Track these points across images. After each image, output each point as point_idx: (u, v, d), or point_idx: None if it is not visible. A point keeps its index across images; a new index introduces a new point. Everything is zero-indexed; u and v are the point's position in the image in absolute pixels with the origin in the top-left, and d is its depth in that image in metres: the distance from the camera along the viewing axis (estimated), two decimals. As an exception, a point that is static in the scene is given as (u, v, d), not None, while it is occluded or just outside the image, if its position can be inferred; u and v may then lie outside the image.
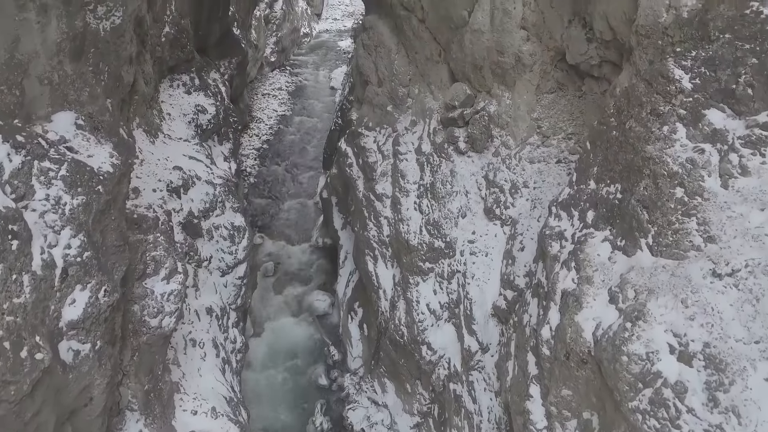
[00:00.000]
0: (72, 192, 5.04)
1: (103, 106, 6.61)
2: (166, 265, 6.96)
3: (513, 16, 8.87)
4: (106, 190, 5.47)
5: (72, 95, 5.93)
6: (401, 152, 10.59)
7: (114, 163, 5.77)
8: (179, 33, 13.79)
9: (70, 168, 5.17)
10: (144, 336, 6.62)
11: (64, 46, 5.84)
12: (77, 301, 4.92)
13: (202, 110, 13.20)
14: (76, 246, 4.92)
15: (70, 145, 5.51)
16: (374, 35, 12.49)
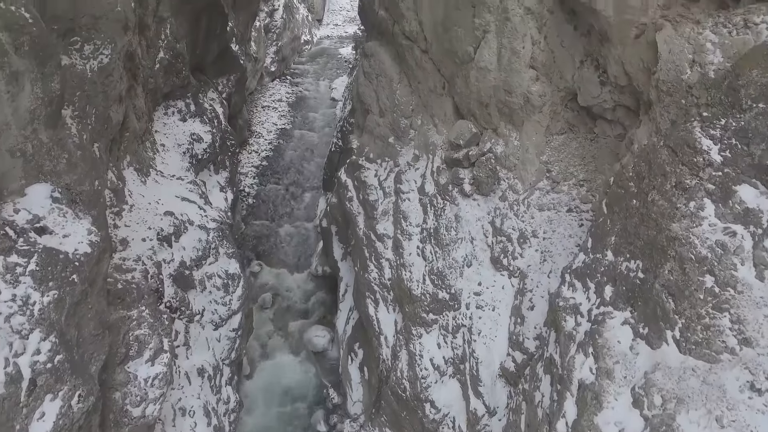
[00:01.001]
0: (42, 288, 4.60)
1: (83, 173, 6.13)
2: (150, 345, 6.49)
3: (521, 55, 8.41)
4: (82, 278, 5.04)
5: (48, 166, 5.50)
6: (403, 191, 10.15)
7: (92, 240, 5.34)
8: (174, 58, 13.36)
9: (40, 260, 4.74)
10: (126, 427, 6.13)
11: (38, 113, 5.41)
12: (47, 415, 4.46)
13: (198, 139, 12.77)
14: (46, 350, 4.49)
15: (43, 224, 5.08)
16: (375, 63, 12.03)
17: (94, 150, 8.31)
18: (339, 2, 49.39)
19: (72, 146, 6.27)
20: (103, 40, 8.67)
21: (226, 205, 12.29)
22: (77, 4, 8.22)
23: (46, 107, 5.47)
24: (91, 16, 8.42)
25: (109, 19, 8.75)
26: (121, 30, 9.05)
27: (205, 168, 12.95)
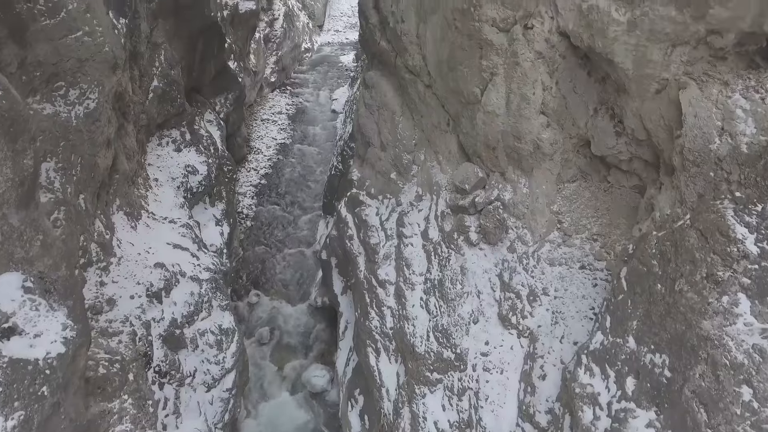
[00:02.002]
0: (6, 411, 4.17)
1: (60, 254, 5.66)
2: (134, 444, 6.04)
3: (532, 102, 7.94)
4: (54, 388, 4.60)
5: (19, 253, 5.07)
6: (406, 235, 9.69)
7: (68, 337, 4.90)
8: (169, 85, 12.93)
9: (5, 377, 4.30)
10: None
11: (8, 197, 4.97)
12: None
13: (193, 171, 12.34)
14: (9, 484, 4.06)
15: (13, 322, 4.64)
16: (377, 95, 11.57)
17: (79, 202, 7.89)
18: (340, 8, 48.87)
19: (48, 225, 5.82)
20: (90, 83, 8.23)
21: (221, 241, 11.85)
22: (61, 49, 7.78)
23: (17, 189, 5.04)
24: (76, 59, 7.98)
25: (96, 61, 8.31)
26: (109, 71, 8.61)
27: (201, 201, 12.52)
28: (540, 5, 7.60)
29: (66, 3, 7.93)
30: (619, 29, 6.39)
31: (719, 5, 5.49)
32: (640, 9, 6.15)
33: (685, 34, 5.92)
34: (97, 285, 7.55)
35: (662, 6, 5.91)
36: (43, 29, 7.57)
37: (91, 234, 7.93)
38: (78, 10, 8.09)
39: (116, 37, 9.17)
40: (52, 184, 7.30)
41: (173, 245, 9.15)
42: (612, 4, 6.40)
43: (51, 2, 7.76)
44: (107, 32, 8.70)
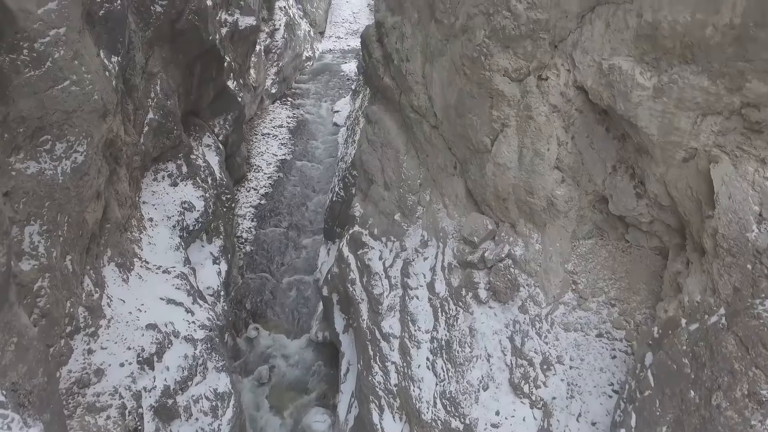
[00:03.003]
0: None
1: (36, 359, 5.21)
2: None
3: (546, 158, 7.48)
4: None
5: (-11, 364, 4.65)
6: (411, 286, 9.25)
7: (42, 459, 4.47)
8: (164, 117, 12.48)
9: None
10: None
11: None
12: None
13: (189, 207, 11.90)
14: None
15: (-20, 447, 4.22)
16: (380, 131, 11.11)
17: (66, 264, 7.45)
18: (341, 14, 48.35)
19: (23, 323, 5.36)
20: (78, 135, 7.79)
21: (218, 282, 11.42)
22: (46, 101, 7.33)
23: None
24: (62, 111, 7.53)
25: (84, 111, 7.86)
26: (98, 120, 8.16)
27: (197, 238, 12.08)
28: (555, 57, 7.14)
29: (51, 52, 7.48)
30: (643, 94, 5.93)
31: (757, 79, 5.03)
32: (667, 75, 5.69)
33: (717, 105, 5.47)
34: (84, 354, 7.12)
35: (693, 75, 5.44)
36: (27, 82, 7.12)
37: (78, 296, 7.49)
38: (65, 58, 7.64)
39: (107, 80, 8.72)
40: (36, 249, 6.86)
41: (167, 300, 8.71)
42: (636, 66, 5.94)
43: (35, 52, 7.31)
44: (97, 78, 8.25)
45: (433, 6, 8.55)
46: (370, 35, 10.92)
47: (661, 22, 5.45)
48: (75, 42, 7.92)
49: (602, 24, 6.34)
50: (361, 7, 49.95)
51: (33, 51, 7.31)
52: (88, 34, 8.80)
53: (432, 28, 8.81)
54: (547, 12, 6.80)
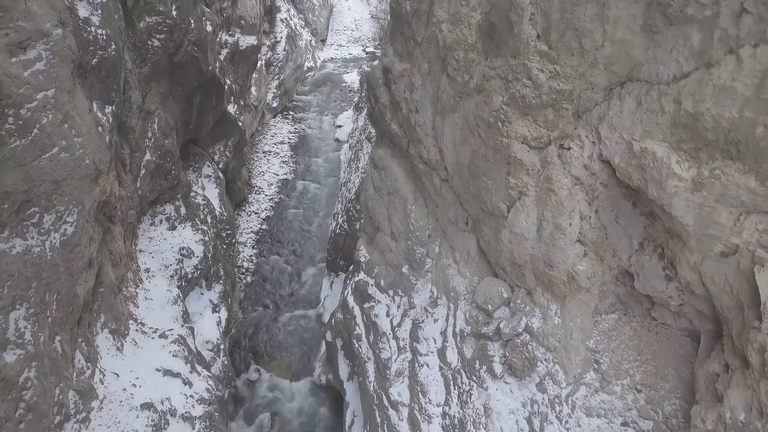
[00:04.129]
0: None
1: None
2: None
3: (568, 233, 6.99)
4: None
5: None
6: (421, 352, 8.78)
7: None
8: (162, 157, 12.02)
9: None
10: None
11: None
12: None
13: (188, 254, 11.42)
14: None
15: None
16: (387, 179, 10.62)
17: (55, 346, 6.98)
18: (343, 21, 47.82)
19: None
20: (68, 204, 7.31)
21: (218, 334, 10.95)
22: (33, 173, 6.85)
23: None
24: (51, 181, 7.05)
25: (74, 178, 7.39)
26: (90, 184, 7.69)
27: (197, 285, 11.61)
28: (579, 128, 6.65)
29: (39, 117, 7.01)
30: (680, 185, 5.44)
31: (813, 186, 4.55)
32: (708, 169, 5.20)
33: (765, 205, 4.98)
34: (74, 443, 6.67)
35: (739, 173, 4.96)
36: (12, 154, 6.64)
37: (69, 379, 7.03)
38: (53, 122, 7.17)
39: (99, 138, 8.25)
40: (22, 336, 6.40)
41: (163, 372, 8.24)
42: (672, 154, 5.45)
43: (21, 119, 6.84)
44: (88, 139, 7.78)
45: (445, 60, 8.05)
46: (376, 78, 10.41)
47: (704, 115, 4.97)
48: (64, 103, 7.45)
49: (633, 101, 5.85)
50: (363, 14, 49.47)
51: (19, 118, 6.83)
52: (79, 87, 8.34)
53: (443, 81, 8.32)
54: (572, 83, 6.32)
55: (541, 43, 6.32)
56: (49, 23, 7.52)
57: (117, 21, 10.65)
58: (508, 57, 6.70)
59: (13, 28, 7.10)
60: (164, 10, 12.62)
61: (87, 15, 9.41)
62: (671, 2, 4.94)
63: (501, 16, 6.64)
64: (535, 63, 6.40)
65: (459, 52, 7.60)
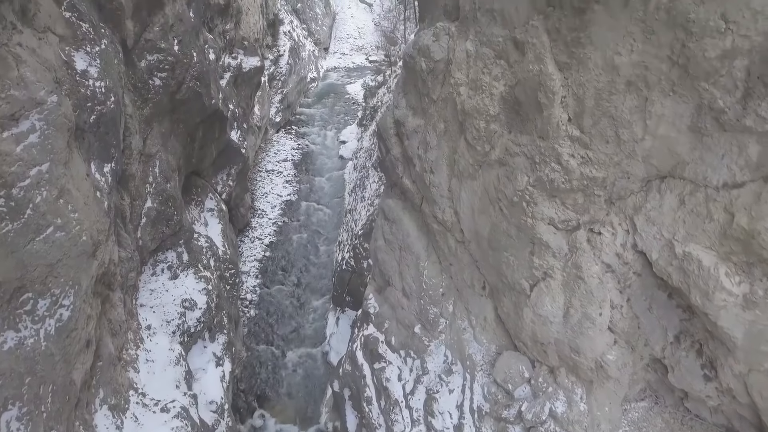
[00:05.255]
0: None
1: None
2: None
3: (597, 323, 6.54)
4: None
5: None
6: (436, 428, 8.34)
7: None
8: (164, 203, 11.57)
9: None
10: None
11: None
12: None
13: (191, 306, 10.98)
14: None
15: None
16: (398, 233, 10.17)
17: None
18: (345, 29, 47.28)
19: None
20: (63, 285, 6.86)
21: (221, 392, 10.52)
22: (26, 258, 6.40)
23: None
24: (45, 265, 6.60)
25: (71, 257, 6.94)
26: (87, 261, 7.24)
27: (200, 338, 11.18)
28: (612, 215, 6.20)
29: (32, 196, 6.56)
30: (729, 300, 4.99)
31: None
32: (763, 287, 4.75)
33: (827, 333, 4.53)
34: None
35: (799, 299, 4.51)
36: (3, 240, 6.19)
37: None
38: (47, 200, 6.72)
39: (97, 205, 7.81)
40: None
41: (166, 449, 7.85)
42: (721, 265, 4.99)
43: (13, 200, 6.39)
44: (85, 212, 7.33)
45: (463, 125, 7.60)
46: (387, 128, 9.95)
47: (761, 234, 4.51)
48: (60, 177, 7.00)
49: (675, 199, 5.39)
50: (366, 22, 48.92)
51: (10, 199, 6.38)
52: (76, 151, 7.89)
53: (461, 145, 7.86)
54: (605, 170, 5.86)
55: (573, 127, 5.86)
56: (43, 90, 7.06)
57: (116, 66, 10.21)
58: (536, 137, 6.24)
59: (5, 99, 6.64)
60: (166, 47, 12.16)
61: (85, 67, 8.94)
62: (726, 110, 4.48)
63: (528, 93, 6.18)
64: (566, 148, 5.94)
65: (479, 121, 7.14)
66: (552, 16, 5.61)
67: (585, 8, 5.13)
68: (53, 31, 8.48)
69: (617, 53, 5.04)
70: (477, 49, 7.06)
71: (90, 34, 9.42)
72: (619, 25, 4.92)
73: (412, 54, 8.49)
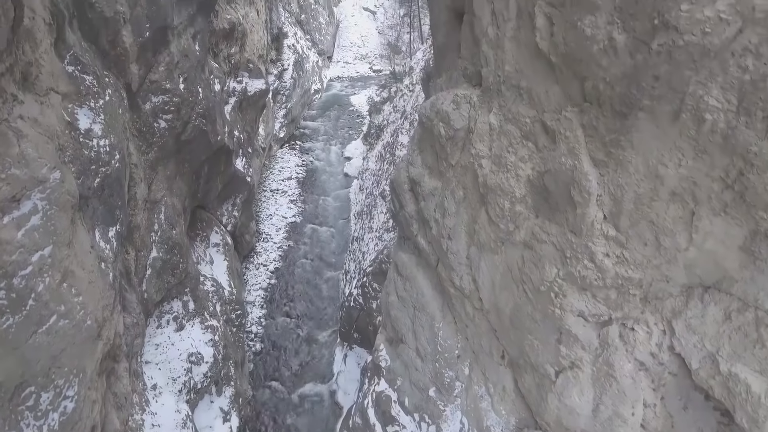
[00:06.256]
0: None
1: None
2: None
3: (630, 422, 6.20)
4: None
5: None
6: (454, 508, 8.01)
7: None
8: (170, 251, 11.26)
9: None
10: None
11: None
12: None
13: (197, 360, 10.69)
14: None
15: None
16: (412, 290, 9.83)
17: None
18: (349, 37, 46.92)
19: None
20: (67, 375, 6.56)
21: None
22: (28, 353, 6.09)
23: None
24: (48, 357, 6.29)
25: (74, 345, 6.63)
26: (92, 344, 6.94)
27: (206, 393, 10.87)
28: (647, 313, 5.85)
29: (34, 285, 6.25)
30: (783, 432, 4.66)
31: None
32: (821, 426, 4.41)
33: None
34: None
35: None
36: (5, 337, 5.89)
37: None
38: (50, 287, 6.41)
39: (102, 280, 7.50)
40: None
41: None
42: (772, 394, 4.65)
43: (14, 291, 6.08)
44: (90, 291, 7.02)
45: (485, 199, 7.25)
46: (401, 183, 9.61)
47: (823, 376, 4.17)
48: (63, 259, 6.69)
49: (720, 312, 5.04)
50: (370, 29, 48.55)
51: (11, 291, 6.07)
52: (80, 223, 7.57)
53: (482, 218, 7.52)
54: (642, 271, 5.51)
55: (609, 225, 5.51)
56: (45, 167, 6.75)
57: (121, 116, 9.89)
58: (567, 230, 5.90)
59: (6, 180, 6.33)
60: (171, 87, 11.86)
61: (88, 125, 8.63)
62: (786, 243, 4.13)
63: (559, 185, 5.84)
64: (601, 247, 5.60)
65: (503, 200, 6.79)
66: (588, 112, 5.27)
67: (627, 113, 4.78)
68: (56, 90, 8.17)
69: (662, 164, 4.69)
70: (501, 124, 6.71)
71: (94, 87, 9.11)
72: (666, 136, 4.57)
73: (430, 116, 8.13)
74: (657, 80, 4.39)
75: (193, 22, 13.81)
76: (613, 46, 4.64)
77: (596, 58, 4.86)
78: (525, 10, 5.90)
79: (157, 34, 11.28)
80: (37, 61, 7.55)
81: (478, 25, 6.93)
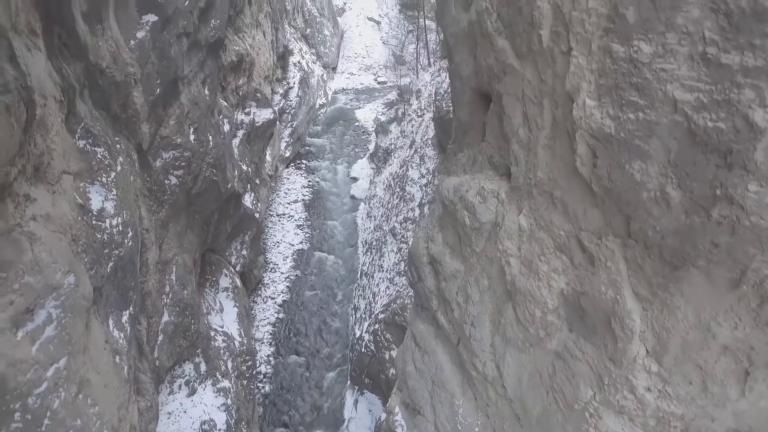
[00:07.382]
0: None
1: None
2: None
3: None
4: None
5: None
6: None
7: None
8: (181, 314, 11.05)
9: None
10: None
11: None
12: None
13: (210, 428, 10.49)
14: None
15: None
16: (431, 364, 9.61)
17: None
18: (353, 48, 46.49)
19: None
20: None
21: None
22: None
23: None
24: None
25: (91, 457, 6.41)
26: (108, 449, 6.72)
27: (218, 460, 10.69)
28: (688, 444, 5.64)
29: (50, 402, 6.03)
30: None
31: None
32: None
33: None
34: None
35: None
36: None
37: None
38: (66, 402, 6.19)
39: (117, 377, 7.28)
40: None
41: None
42: None
43: (29, 412, 5.86)
44: (105, 396, 6.81)
45: (514, 300, 7.01)
46: (420, 255, 9.37)
47: None
48: (79, 369, 6.47)
49: (771, 465, 4.82)
50: (374, 40, 48.13)
51: (27, 411, 5.85)
52: (94, 318, 7.34)
53: (509, 315, 7.28)
54: (686, 407, 5.28)
55: (651, 360, 5.28)
56: (60, 272, 6.51)
57: (132, 184, 9.65)
58: (605, 357, 5.67)
59: (18, 290, 6.09)
60: (182, 142, 11.63)
61: (101, 204, 8.39)
62: None
63: (597, 311, 5.60)
64: (642, 381, 5.36)
65: (534, 307, 6.55)
66: (633, 249, 5.02)
67: (679, 266, 4.54)
68: (68, 171, 7.92)
69: (716, 322, 4.45)
70: (532, 229, 6.46)
71: (105, 159, 8.87)
72: (722, 298, 4.32)
73: (453, 201, 7.89)
74: (716, 247, 4.14)
75: (203, 67, 13.57)
76: (666, 200, 4.39)
77: (646, 205, 4.61)
78: (562, 125, 5.64)
79: (168, 88, 11.04)
80: (49, 147, 7.31)
81: (507, 123, 6.65)
